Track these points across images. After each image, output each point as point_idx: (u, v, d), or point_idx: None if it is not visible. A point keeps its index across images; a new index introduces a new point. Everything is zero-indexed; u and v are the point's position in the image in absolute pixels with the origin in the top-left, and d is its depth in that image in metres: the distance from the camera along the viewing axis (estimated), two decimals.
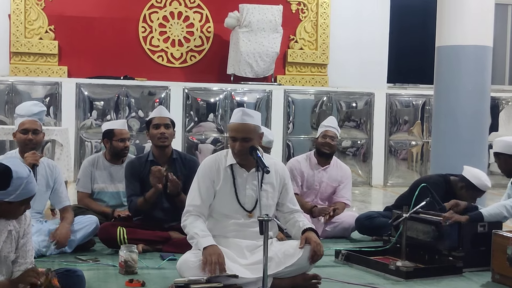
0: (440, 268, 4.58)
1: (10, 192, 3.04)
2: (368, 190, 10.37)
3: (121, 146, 5.66)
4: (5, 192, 3.03)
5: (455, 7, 7.18)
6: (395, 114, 10.89)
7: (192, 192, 4.05)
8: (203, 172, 4.04)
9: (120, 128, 5.71)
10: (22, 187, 3.06)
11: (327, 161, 6.03)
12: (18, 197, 3.07)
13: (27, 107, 4.90)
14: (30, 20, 10.32)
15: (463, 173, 5.31)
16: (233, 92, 10.28)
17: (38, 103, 5.02)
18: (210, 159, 4.10)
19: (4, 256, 3.20)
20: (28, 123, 4.80)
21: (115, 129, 5.70)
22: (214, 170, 4.02)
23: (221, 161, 4.05)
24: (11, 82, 9.75)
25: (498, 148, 5.13)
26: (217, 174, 4.01)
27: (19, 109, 4.92)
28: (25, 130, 4.79)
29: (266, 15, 10.52)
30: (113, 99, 9.95)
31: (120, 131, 5.68)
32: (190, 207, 4.00)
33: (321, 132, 6.02)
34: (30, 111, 4.84)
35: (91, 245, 5.06)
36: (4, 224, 3.19)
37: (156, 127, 5.09)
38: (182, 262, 3.89)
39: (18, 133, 4.83)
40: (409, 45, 12.06)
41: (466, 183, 5.25)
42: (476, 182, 5.21)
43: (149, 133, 5.18)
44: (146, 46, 10.82)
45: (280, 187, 4.11)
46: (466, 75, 7.19)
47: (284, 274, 3.89)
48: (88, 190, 5.72)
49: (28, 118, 4.81)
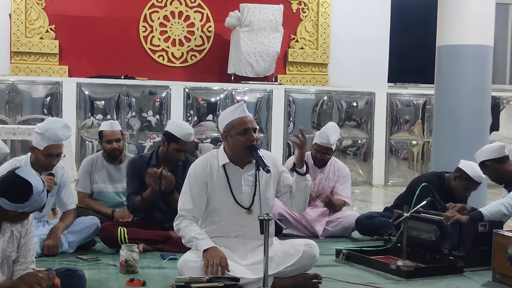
0: (441, 267, 4.57)
1: (26, 205, 3.08)
2: (369, 189, 10.37)
3: (108, 147, 5.61)
4: (22, 205, 3.06)
5: (456, 7, 7.18)
6: (395, 114, 10.89)
7: (183, 196, 3.98)
8: (194, 175, 3.96)
9: (108, 130, 5.65)
10: (38, 200, 3.09)
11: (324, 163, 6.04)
12: (32, 208, 3.12)
13: (55, 133, 4.57)
14: (30, 20, 10.32)
15: (459, 165, 5.32)
16: (234, 91, 10.29)
17: (66, 126, 4.67)
18: (201, 161, 4.01)
19: (6, 256, 3.20)
20: (55, 148, 4.59)
21: (104, 130, 5.67)
22: (207, 172, 3.95)
23: (212, 162, 3.98)
24: (12, 81, 9.75)
25: (482, 157, 5.14)
26: (210, 175, 3.94)
27: (47, 132, 4.56)
28: (50, 154, 4.60)
29: (266, 15, 10.52)
30: (114, 98, 9.95)
31: (108, 133, 5.63)
32: (182, 211, 3.94)
33: (314, 142, 5.97)
34: (59, 139, 4.59)
35: (92, 244, 5.06)
36: (7, 225, 3.20)
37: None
38: (183, 261, 3.88)
39: (41, 153, 4.59)
40: (409, 44, 12.06)
41: (461, 174, 5.24)
42: (471, 173, 5.20)
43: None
44: (147, 46, 10.82)
45: (278, 175, 4.01)
46: (467, 75, 7.19)
47: (284, 273, 3.89)
48: (88, 190, 5.71)
49: (55, 143, 4.59)
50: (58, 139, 4.59)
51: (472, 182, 5.24)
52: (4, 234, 3.19)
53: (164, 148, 4.99)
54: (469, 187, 5.29)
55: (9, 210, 3.08)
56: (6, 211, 3.09)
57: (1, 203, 3.07)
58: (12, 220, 3.17)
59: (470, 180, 5.22)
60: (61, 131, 4.60)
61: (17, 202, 3.05)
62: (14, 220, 3.18)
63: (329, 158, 5.98)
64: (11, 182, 3.08)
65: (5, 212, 3.09)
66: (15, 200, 3.05)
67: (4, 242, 3.18)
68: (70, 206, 4.90)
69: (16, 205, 3.06)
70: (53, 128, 4.58)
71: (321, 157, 5.93)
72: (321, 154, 5.91)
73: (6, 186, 3.08)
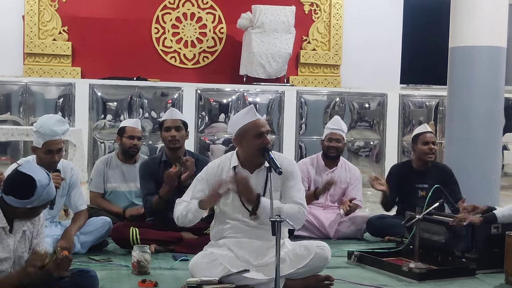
0: (453, 269, 4.56)
1: (33, 200, 3.10)
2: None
3: (128, 143, 5.70)
4: (29, 201, 3.09)
5: (468, 8, 7.15)
6: (408, 115, 10.86)
7: (187, 191, 4.07)
8: (204, 173, 4.05)
9: (131, 126, 5.77)
10: (44, 193, 3.11)
11: (334, 162, 6.04)
12: (39, 203, 3.13)
13: (51, 128, 4.54)
14: (43, 21, 10.38)
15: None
16: (246, 93, 10.29)
17: (60, 120, 4.66)
18: (214, 163, 4.09)
19: (18, 256, 3.23)
20: (54, 143, 4.56)
21: (126, 126, 5.78)
22: (217, 173, 3.99)
23: (225, 164, 4.03)
24: (25, 83, 9.80)
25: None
26: (220, 177, 3.97)
27: (42, 128, 4.54)
28: (50, 151, 4.56)
29: (278, 16, 10.52)
30: (126, 100, 9.97)
31: (131, 129, 5.73)
32: (180, 200, 4.04)
33: (326, 134, 6.01)
34: (55, 133, 4.55)
35: (104, 245, 5.08)
36: (19, 225, 3.23)
37: (167, 129, 5.12)
38: (194, 262, 3.90)
39: (40, 151, 4.58)
40: (422, 45, 12.01)
41: (412, 140, 5.82)
42: (415, 131, 5.87)
43: (161, 135, 5.22)
44: (159, 47, 10.85)
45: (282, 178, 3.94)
46: (480, 76, 7.15)
47: (296, 275, 3.88)
48: (101, 190, 5.76)
49: (52, 139, 4.56)
50: (55, 134, 4.55)
51: (420, 135, 5.72)
52: (15, 234, 3.21)
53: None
54: (423, 140, 5.70)
55: (18, 207, 3.11)
56: (15, 208, 3.11)
57: (9, 201, 3.10)
58: (23, 217, 3.19)
59: (418, 135, 5.73)
60: (56, 125, 4.57)
61: (24, 198, 3.08)
62: (25, 217, 3.19)
63: (342, 147, 6.00)
64: (15, 179, 3.12)
65: (14, 209, 3.12)
66: (21, 196, 3.08)
67: (15, 242, 3.20)
68: (81, 207, 4.92)
69: (23, 201, 3.08)
70: (47, 123, 4.57)
71: (335, 144, 5.92)
72: (334, 141, 5.93)
73: (10, 183, 3.12)
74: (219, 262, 3.83)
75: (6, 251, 3.17)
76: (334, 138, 5.96)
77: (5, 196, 3.11)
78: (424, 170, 5.78)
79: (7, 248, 3.17)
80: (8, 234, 3.18)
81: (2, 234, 3.16)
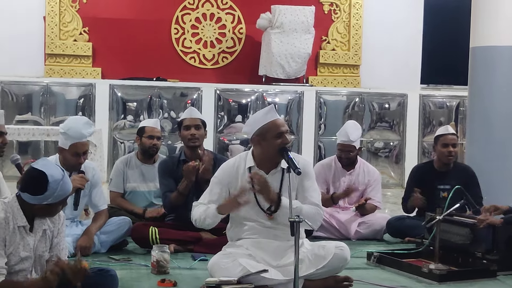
0: (473, 271, 4.53)
1: (47, 196, 3.11)
2: (401, 192, 10.19)
3: (148, 143, 5.70)
4: (43, 196, 3.10)
5: (489, 8, 7.09)
6: (428, 116, 10.80)
7: (205, 194, 4.07)
8: (220, 174, 4.04)
9: (151, 126, 5.79)
10: (58, 189, 3.12)
11: (352, 165, 6.01)
12: (55, 198, 3.14)
13: (78, 131, 4.61)
14: (64, 22, 10.45)
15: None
16: (265, 93, 10.29)
17: (88, 122, 4.73)
18: (230, 163, 4.08)
19: (38, 255, 3.25)
20: (81, 146, 4.61)
21: (146, 126, 5.80)
22: (233, 174, 3.99)
23: (240, 164, 4.02)
24: (46, 83, 9.88)
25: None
26: (235, 178, 3.98)
27: (70, 130, 4.61)
28: (77, 153, 4.62)
29: (298, 16, 10.50)
30: (146, 100, 10.02)
31: (150, 129, 5.75)
32: (197, 203, 4.04)
33: (338, 142, 5.98)
34: (83, 136, 4.61)
35: (124, 245, 5.11)
36: (39, 224, 3.25)
37: (187, 128, 5.14)
38: (213, 262, 3.91)
39: (67, 153, 4.63)
40: (442, 45, 11.92)
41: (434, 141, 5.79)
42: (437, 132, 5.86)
43: (180, 134, 5.23)
44: (179, 48, 10.88)
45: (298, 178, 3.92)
46: (501, 76, 7.09)
47: (315, 276, 3.88)
48: (121, 190, 5.79)
49: (79, 141, 4.61)
50: (82, 136, 4.62)
51: (441, 137, 5.70)
52: (36, 233, 3.23)
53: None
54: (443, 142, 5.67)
55: (35, 205, 3.13)
56: (32, 205, 3.14)
57: (26, 198, 3.13)
58: (41, 215, 3.21)
59: (438, 136, 5.73)
60: (84, 128, 4.63)
61: (37, 194, 3.10)
62: (43, 214, 3.21)
63: (353, 156, 5.95)
64: (28, 176, 3.16)
65: (32, 207, 3.15)
66: (35, 192, 3.10)
67: (35, 241, 3.22)
68: (102, 206, 4.95)
69: (37, 197, 3.10)
70: (75, 126, 4.63)
71: (345, 156, 5.91)
72: (345, 152, 5.91)
73: (25, 180, 3.16)
74: (238, 262, 3.82)
75: (27, 250, 3.19)
76: (343, 149, 5.93)
77: (22, 194, 3.14)
78: (446, 171, 5.74)
79: (28, 247, 3.19)
80: (29, 233, 3.21)
81: (22, 233, 3.18)
